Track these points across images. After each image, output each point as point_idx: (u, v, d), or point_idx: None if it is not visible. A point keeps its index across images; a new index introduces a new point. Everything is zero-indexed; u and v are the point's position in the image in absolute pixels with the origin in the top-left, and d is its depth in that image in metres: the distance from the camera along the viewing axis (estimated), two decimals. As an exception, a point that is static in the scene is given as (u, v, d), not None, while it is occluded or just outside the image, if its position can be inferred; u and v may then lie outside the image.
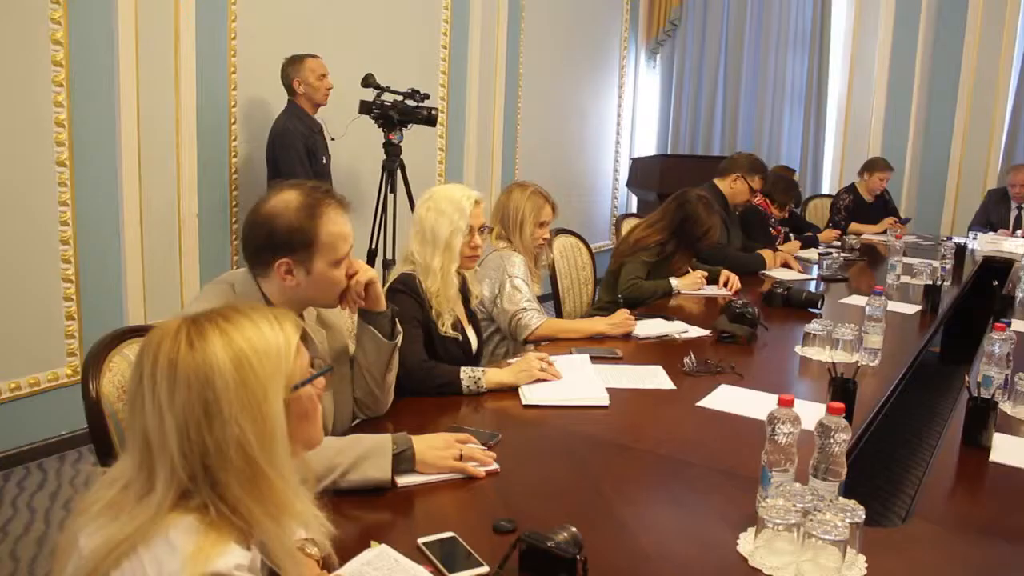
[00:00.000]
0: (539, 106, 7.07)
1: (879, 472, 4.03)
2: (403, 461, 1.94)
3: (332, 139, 4.78)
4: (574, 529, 1.61)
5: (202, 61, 4.44)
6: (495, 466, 2.03)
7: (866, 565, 1.71)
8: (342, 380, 2.30)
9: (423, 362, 2.59)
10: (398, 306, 2.68)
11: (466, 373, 2.56)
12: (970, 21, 7.50)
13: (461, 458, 2.00)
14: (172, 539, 1.17)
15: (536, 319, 3.20)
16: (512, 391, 2.59)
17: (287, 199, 2.02)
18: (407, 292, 2.71)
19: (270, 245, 2.01)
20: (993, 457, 2.35)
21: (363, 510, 1.83)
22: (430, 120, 4.86)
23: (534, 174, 5.60)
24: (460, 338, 2.81)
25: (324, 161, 4.67)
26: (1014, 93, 7.51)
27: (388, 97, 4.82)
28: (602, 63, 8.08)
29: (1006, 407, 2.71)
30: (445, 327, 2.74)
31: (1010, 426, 2.61)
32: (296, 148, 4.50)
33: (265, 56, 4.73)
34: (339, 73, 4.74)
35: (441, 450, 1.99)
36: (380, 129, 4.83)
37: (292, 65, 4.63)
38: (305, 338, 1.41)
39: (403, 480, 1.92)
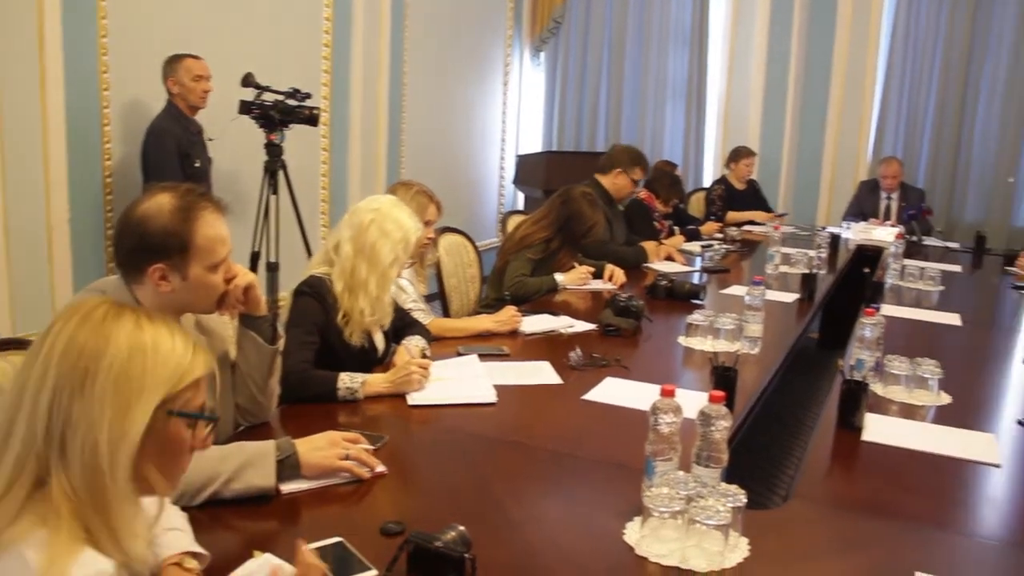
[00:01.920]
0: (424, 105, 7.04)
1: (763, 455, 4.15)
2: (287, 467, 1.90)
3: (211, 140, 4.66)
4: (462, 528, 1.61)
5: (71, 60, 4.26)
6: (382, 468, 2.00)
7: (749, 547, 1.76)
8: (223, 386, 2.24)
9: (301, 369, 2.52)
10: (299, 308, 2.64)
11: (343, 382, 2.50)
12: (839, 20, 7.79)
13: (348, 458, 1.96)
14: (24, 554, 1.12)
15: (422, 319, 3.18)
16: (399, 391, 2.58)
17: (160, 202, 1.95)
18: (312, 295, 2.66)
19: (143, 250, 1.94)
20: (865, 437, 2.45)
21: (247, 519, 1.79)
22: (312, 120, 4.78)
23: (420, 173, 5.56)
24: (366, 345, 2.76)
25: (199, 164, 4.54)
26: (881, 89, 7.83)
27: (269, 97, 4.72)
28: (487, 61, 8.09)
29: (877, 388, 2.82)
30: (352, 337, 2.69)
31: (881, 406, 2.72)
32: (167, 149, 4.37)
33: (142, 55, 4.57)
34: (220, 72, 4.62)
35: (325, 450, 1.95)
36: (261, 130, 4.73)
37: (169, 65, 4.50)
38: (212, 383, 1.37)
39: (288, 487, 1.88)
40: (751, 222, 6.79)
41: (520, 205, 8.20)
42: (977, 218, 7.58)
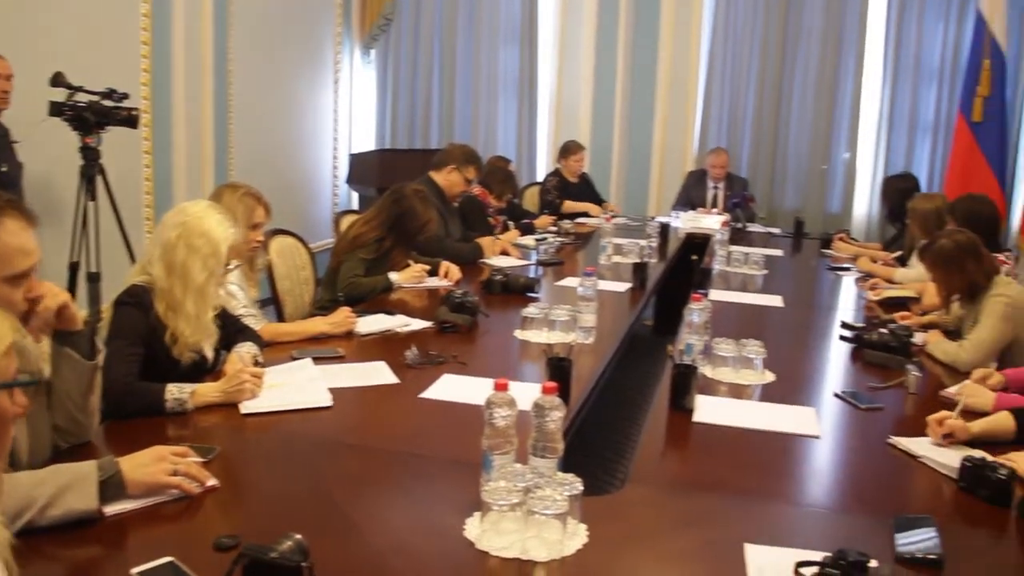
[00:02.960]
0: (252, 104, 6.84)
1: (603, 442, 4.24)
2: (111, 487, 1.79)
3: (16, 142, 4.37)
4: (299, 537, 1.57)
5: None
6: (214, 481, 1.93)
7: (587, 533, 1.79)
8: (38, 408, 2.10)
9: (124, 383, 2.39)
10: (122, 319, 2.49)
11: (171, 393, 2.38)
12: (663, 17, 8.03)
13: (176, 473, 1.87)
14: None
15: (254, 324, 3.08)
16: (231, 401, 2.49)
17: (-42, 209, 1.81)
18: (134, 305, 2.51)
19: None
20: (697, 418, 2.54)
21: (69, 547, 1.68)
22: (131, 121, 4.56)
23: (250, 174, 5.40)
24: (195, 356, 2.64)
25: (6, 169, 4.24)
26: (704, 84, 8.12)
27: (82, 97, 4.47)
28: (316, 59, 7.94)
29: (707, 370, 2.93)
30: (181, 352, 2.57)
31: (711, 388, 2.83)
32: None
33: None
34: (26, 72, 4.34)
35: (151, 466, 1.86)
36: (75, 132, 4.47)
37: (-35, 65, 4.20)
38: (22, 351, 1.27)
39: (112, 508, 1.78)
40: (585, 214, 6.93)
41: (355, 204, 8.09)
42: (796, 205, 7.98)
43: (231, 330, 2.86)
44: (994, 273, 3.40)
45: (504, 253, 5.04)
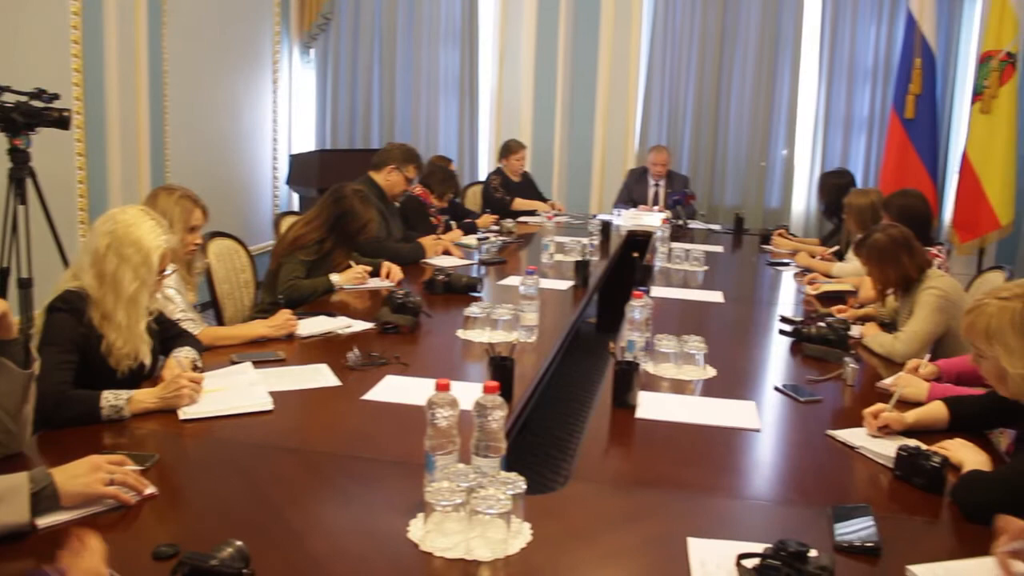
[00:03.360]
0: (189, 105, 6.73)
1: (548, 440, 4.25)
2: (44, 499, 1.75)
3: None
4: (240, 543, 1.56)
5: None
6: (152, 489, 1.89)
7: (531, 532, 1.79)
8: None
9: (58, 391, 2.33)
10: (55, 326, 2.43)
11: (106, 400, 2.33)
12: (603, 16, 8.07)
13: (113, 483, 1.83)
14: None
15: (192, 329, 3.03)
16: (169, 405, 2.44)
17: None
18: (67, 311, 2.45)
19: None
20: (639, 414, 2.56)
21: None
22: (62, 123, 4.45)
23: (187, 176, 5.32)
24: (134, 364, 2.58)
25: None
26: (644, 82, 8.19)
27: (9, 98, 4.36)
28: (254, 58, 7.84)
29: (649, 367, 2.95)
30: (117, 361, 2.51)
31: (653, 384, 2.85)
32: None
33: None
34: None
35: (86, 476, 1.81)
36: (3, 134, 4.36)
37: None
38: None
39: (45, 520, 1.74)
40: (532, 212, 6.95)
41: (295, 206, 8.02)
42: (735, 201, 8.09)
43: (169, 335, 2.81)
44: (927, 266, 3.48)
45: (446, 253, 5.03)
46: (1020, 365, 2.03)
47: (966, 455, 2.17)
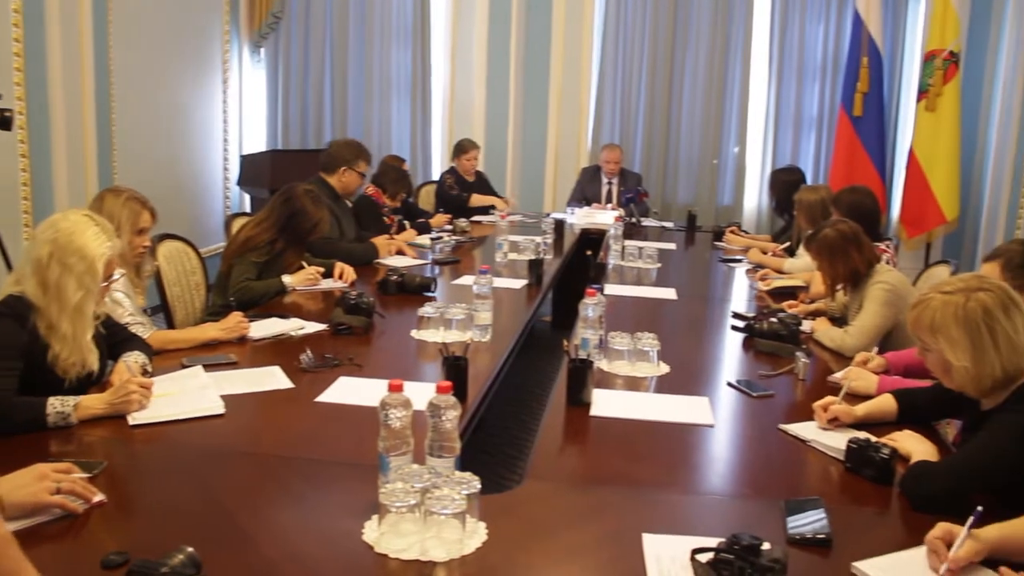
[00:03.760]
0: (137, 105, 6.62)
1: (505, 439, 4.26)
2: None
3: None
4: (191, 549, 1.54)
5: None
6: (100, 497, 1.85)
7: (487, 531, 1.79)
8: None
9: (2, 398, 2.27)
10: (-1, 332, 2.37)
11: (53, 407, 2.28)
12: (555, 15, 8.09)
13: (59, 492, 1.79)
14: None
15: (142, 332, 2.98)
16: (118, 411, 2.40)
17: None
18: (11, 316, 2.39)
19: None
20: (594, 412, 2.57)
21: (-59, 573, 1.60)
22: (3, 123, 4.37)
23: (136, 178, 5.23)
24: (82, 371, 2.53)
25: None
26: (596, 81, 8.23)
27: (-52, 99, 4.27)
28: (203, 57, 7.73)
29: (603, 364, 2.96)
30: (65, 372, 2.45)
31: (607, 381, 2.86)
32: None
33: None
34: None
35: (32, 485, 1.77)
36: (-57, 137, 4.27)
37: None
38: None
39: (-11, 531, 1.70)
40: (488, 209, 6.95)
41: (247, 207, 7.93)
42: (688, 199, 8.15)
43: (117, 339, 2.76)
44: (875, 261, 3.53)
45: (400, 253, 5.01)
46: (963, 358, 2.07)
47: (914, 446, 2.21)
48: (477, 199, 6.98)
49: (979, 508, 1.69)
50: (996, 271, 2.91)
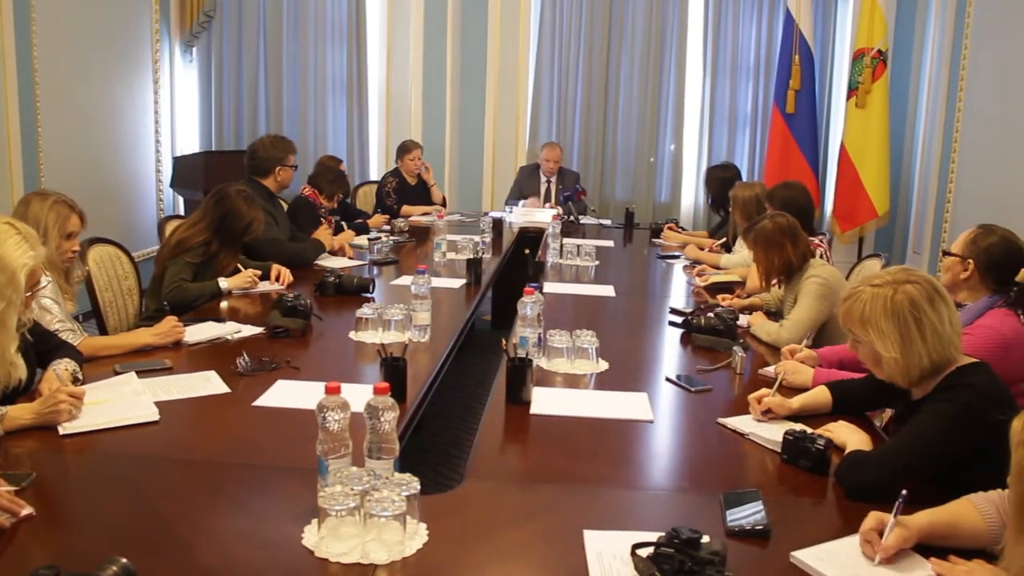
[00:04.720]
0: (64, 108, 6.45)
1: (447, 439, 4.25)
2: None
3: None
4: (124, 560, 1.50)
5: None
6: (29, 510, 1.80)
7: (428, 532, 1.78)
8: None
9: None
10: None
11: None
12: (491, 15, 8.09)
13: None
14: None
15: (71, 339, 2.91)
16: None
17: None
18: None
19: None
20: (534, 410, 2.57)
21: None
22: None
23: (64, 182, 5.11)
24: (6, 389, 2.44)
25: None
26: (533, 79, 8.25)
27: None
28: (133, 57, 7.57)
29: (542, 362, 2.96)
30: None
31: (547, 379, 2.87)
32: None
33: None
34: None
35: None
36: None
37: None
38: None
39: (-88, 547, 1.65)
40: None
41: (180, 209, 7.79)
42: (626, 196, 8.20)
43: (46, 346, 2.68)
44: (809, 255, 3.60)
45: (338, 253, 4.96)
46: (892, 349, 2.11)
47: (848, 436, 2.26)
48: (407, 210, 6.85)
49: (904, 493, 1.72)
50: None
